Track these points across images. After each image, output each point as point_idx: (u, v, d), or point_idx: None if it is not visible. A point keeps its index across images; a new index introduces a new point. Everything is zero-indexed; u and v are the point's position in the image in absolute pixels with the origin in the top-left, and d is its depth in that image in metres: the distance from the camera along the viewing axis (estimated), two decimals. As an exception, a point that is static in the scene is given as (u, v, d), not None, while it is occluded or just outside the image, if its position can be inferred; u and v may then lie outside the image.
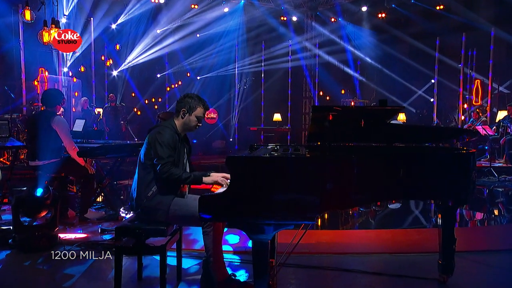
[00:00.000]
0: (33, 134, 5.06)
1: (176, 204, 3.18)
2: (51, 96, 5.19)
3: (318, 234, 5.00)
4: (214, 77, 15.91)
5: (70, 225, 5.14)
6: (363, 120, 2.88)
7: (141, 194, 3.17)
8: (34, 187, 4.22)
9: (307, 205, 2.57)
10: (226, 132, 15.86)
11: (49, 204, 4.33)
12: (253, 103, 16.23)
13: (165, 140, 3.18)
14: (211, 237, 3.19)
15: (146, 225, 3.14)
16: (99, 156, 5.25)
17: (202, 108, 3.36)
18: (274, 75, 15.95)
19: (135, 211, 3.24)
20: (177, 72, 16.12)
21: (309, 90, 16.50)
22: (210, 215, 2.62)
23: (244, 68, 15.93)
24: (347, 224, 5.99)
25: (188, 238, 4.60)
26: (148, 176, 3.20)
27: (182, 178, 3.16)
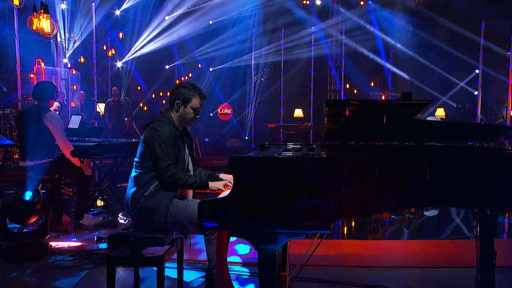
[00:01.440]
0: (23, 131, 5.13)
1: (175, 207, 3.18)
2: (44, 89, 5.24)
3: (338, 244, 4.95)
4: (228, 68, 15.93)
5: (63, 232, 5.19)
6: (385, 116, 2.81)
7: (137, 194, 3.19)
8: (23, 190, 4.26)
9: (319, 212, 2.53)
10: (241, 130, 15.87)
11: (39, 209, 4.38)
12: (271, 97, 16.18)
13: (164, 138, 3.18)
14: (215, 245, 3.18)
15: (142, 233, 3.13)
16: (94, 156, 5.29)
17: (198, 98, 3.36)
18: (294, 66, 15.87)
19: (131, 212, 3.26)
20: (187, 63, 16.19)
21: (334, 82, 16.35)
22: (210, 222, 2.59)
23: (261, 59, 15.89)
24: (376, 233, 5.90)
25: (192, 247, 4.59)
26: (145, 175, 3.21)
27: (188, 183, 3.18)
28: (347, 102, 2.70)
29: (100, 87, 13.78)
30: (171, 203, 3.17)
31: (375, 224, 6.28)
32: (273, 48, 15.84)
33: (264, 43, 15.94)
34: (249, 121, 15.77)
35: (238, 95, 16.10)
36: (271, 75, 16.23)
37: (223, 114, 15.29)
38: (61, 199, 5.56)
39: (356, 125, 2.87)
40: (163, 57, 15.96)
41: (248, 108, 16.01)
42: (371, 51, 16.03)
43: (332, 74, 16.34)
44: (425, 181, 2.78)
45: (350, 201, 2.62)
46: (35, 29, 9.04)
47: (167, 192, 3.19)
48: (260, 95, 15.99)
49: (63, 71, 12.51)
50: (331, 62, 16.11)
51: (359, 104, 2.74)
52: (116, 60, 15.27)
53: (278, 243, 2.56)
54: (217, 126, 15.43)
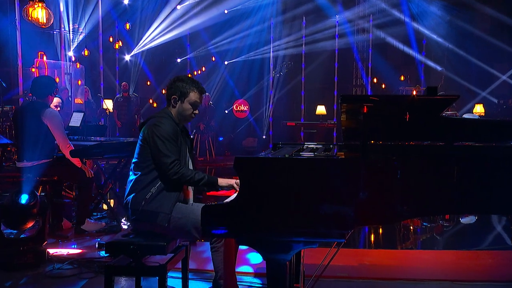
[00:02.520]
0: (21, 129, 5.18)
1: (179, 211, 3.18)
2: (42, 84, 5.29)
3: (361, 254, 4.91)
4: (244, 61, 15.93)
5: (63, 238, 5.24)
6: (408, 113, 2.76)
7: (138, 197, 3.20)
8: (18, 193, 4.30)
9: (333, 219, 2.51)
10: (258, 128, 15.85)
11: (36, 213, 4.41)
12: (291, 93, 16.14)
13: (164, 133, 3.19)
14: (221, 254, 3.19)
15: (142, 240, 3.13)
16: (96, 156, 5.33)
17: (196, 92, 3.36)
18: (317, 58, 15.79)
19: (130, 218, 3.27)
20: (200, 56, 16.24)
21: (360, 76, 16.22)
22: (213, 229, 2.58)
23: (280, 51, 15.85)
24: (405, 242, 5.82)
25: (201, 256, 4.59)
26: (146, 177, 3.22)
27: (195, 179, 3.17)
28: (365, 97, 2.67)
29: (107, 82, 13.91)
30: (174, 207, 3.18)
31: (404, 232, 6.20)
32: (293, 39, 15.78)
33: (283, 34, 15.89)
34: (267, 118, 15.75)
35: (255, 90, 16.09)
36: (291, 69, 16.17)
37: (239, 111, 15.29)
38: (61, 203, 5.60)
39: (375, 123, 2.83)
40: (174, 49, 16.04)
41: (265, 104, 15.99)
42: (401, 42, 15.84)
43: (358, 68, 16.20)
44: (454, 185, 2.73)
45: (367, 207, 2.59)
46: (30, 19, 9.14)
47: (170, 194, 3.19)
48: (279, 90, 15.96)
49: (67, 65, 12.63)
50: (357, 54, 15.98)
51: (379, 100, 2.69)
52: (124, 53, 15.39)
53: (288, 252, 2.54)
54: (232, 124, 15.44)
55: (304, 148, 3.51)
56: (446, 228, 6.40)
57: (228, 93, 15.81)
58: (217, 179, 3.25)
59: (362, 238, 5.85)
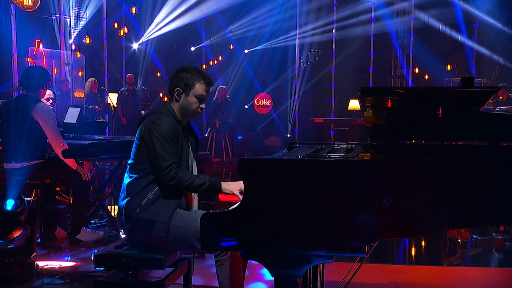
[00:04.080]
0: (8, 126, 5.24)
1: (178, 219, 3.17)
2: (33, 76, 5.34)
3: (393, 270, 4.86)
4: (267, 50, 15.89)
5: (55, 249, 5.29)
6: (441, 108, 2.71)
7: (133, 203, 3.20)
8: (3, 198, 4.35)
9: (350, 230, 2.48)
10: (283, 125, 15.82)
11: (23, 220, 4.45)
12: (319, 86, 16.06)
13: (163, 133, 3.18)
14: (227, 268, 3.17)
15: (137, 252, 3.14)
16: (90, 157, 5.36)
17: (202, 84, 3.35)
18: (349, 46, 15.66)
19: (124, 226, 3.27)
20: (217, 44, 16.26)
21: (399, 66, 16.06)
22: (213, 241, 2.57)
23: (308, 37, 15.77)
24: (451, 258, 5.73)
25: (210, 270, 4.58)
26: (141, 180, 3.22)
27: (195, 185, 3.17)
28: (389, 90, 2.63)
29: (111, 73, 14.03)
30: (173, 214, 3.16)
31: (451, 245, 6.11)
32: (322, 24, 15.69)
33: (311, 18, 15.80)
34: (292, 115, 15.71)
35: (279, 83, 16.04)
36: (320, 58, 16.09)
37: (260, 106, 15.27)
38: (54, 209, 5.65)
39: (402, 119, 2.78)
40: (187, 36, 16.09)
41: (290, 99, 15.93)
42: (448, 25, 15.60)
43: (397, 56, 16.04)
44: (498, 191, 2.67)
45: (392, 217, 2.55)
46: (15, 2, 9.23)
47: (168, 200, 3.18)
48: (305, 82, 15.90)
49: (66, 54, 12.78)
50: (395, 41, 15.81)
51: (405, 93, 2.64)
52: (132, 41, 15.51)
53: (298, 267, 2.53)
54: (252, 121, 15.42)
55: (323, 148, 3.48)
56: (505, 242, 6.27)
57: (248, 86, 15.78)
58: (220, 184, 3.21)
59: (397, 252, 5.77)
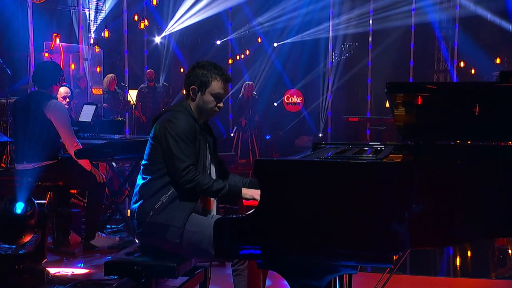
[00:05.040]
0: (20, 125, 5.33)
1: (194, 224, 3.17)
2: (46, 71, 5.43)
3: (433, 283, 4.84)
4: (297, 43, 15.86)
5: (69, 255, 5.36)
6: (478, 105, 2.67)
7: (145, 207, 3.22)
8: (13, 201, 4.41)
9: (374, 237, 2.48)
10: (314, 124, 15.77)
11: (33, 224, 4.51)
12: (354, 81, 15.96)
13: (180, 132, 3.19)
14: (245, 278, 3.18)
15: (149, 259, 3.16)
16: (103, 157, 5.41)
17: (219, 81, 3.34)
18: (387, 37, 15.53)
19: (136, 231, 3.30)
20: (244, 37, 16.29)
21: (443, 59, 15.89)
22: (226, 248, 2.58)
23: (342, 29, 15.68)
24: (501, 269, 5.64)
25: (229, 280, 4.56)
26: (155, 182, 3.24)
27: (213, 189, 3.17)
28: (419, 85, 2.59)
29: (132, 69, 14.14)
30: (188, 219, 3.17)
31: (500, 256, 6.02)
32: (358, 14, 15.57)
33: (345, 8, 15.70)
34: (324, 113, 15.64)
35: (311, 78, 16.02)
36: (355, 51, 15.98)
37: (291, 103, 15.26)
38: (68, 213, 5.73)
39: (434, 117, 2.74)
40: (212, 29, 16.16)
41: (322, 95, 15.90)
42: (497, 14, 15.33)
43: (440, 49, 15.88)
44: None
45: (422, 224, 2.53)
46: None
47: (183, 204, 3.19)
48: (339, 78, 15.82)
49: (85, 48, 12.92)
50: (438, 32, 15.63)
51: (437, 89, 2.60)
52: (154, 34, 15.63)
53: (319, 278, 2.53)
54: (281, 120, 15.41)
55: (349, 149, 3.45)
56: None
57: (276, 82, 15.78)
58: (240, 189, 3.22)
59: (439, 262, 5.70)
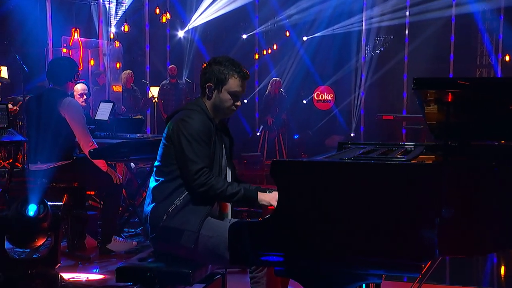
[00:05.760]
0: (34, 124, 5.39)
1: (209, 228, 3.18)
2: (61, 67, 5.48)
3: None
4: (328, 37, 15.78)
5: (84, 260, 5.40)
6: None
7: (158, 210, 3.24)
8: (25, 203, 4.45)
9: (399, 244, 2.47)
10: (346, 123, 15.68)
11: (46, 227, 4.55)
12: (389, 77, 15.81)
13: (193, 132, 3.20)
14: (263, 287, 3.15)
15: (163, 265, 3.17)
16: (119, 157, 5.44)
17: (237, 79, 3.34)
18: (425, 30, 15.36)
19: (149, 235, 3.32)
20: (271, 31, 16.26)
21: (486, 53, 15.68)
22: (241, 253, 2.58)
23: (376, 22, 15.56)
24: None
25: None
26: (169, 184, 3.26)
27: (227, 194, 3.18)
28: (449, 81, 2.55)
29: (154, 65, 14.22)
30: (204, 223, 3.18)
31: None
32: (393, 6, 15.43)
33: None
34: (357, 111, 15.56)
35: (342, 74, 15.91)
36: (390, 45, 15.82)
37: (321, 101, 15.20)
38: (83, 216, 5.77)
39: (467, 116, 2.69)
40: (238, 23, 16.17)
41: (355, 92, 15.80)
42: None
43: (483, 42, 15.63)
44: None
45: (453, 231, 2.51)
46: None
47: (198, 207, 3.20)
48: (372, 74, 15.70)
49: (105, 43, 13.04)
50: (481, 24, 15.39)
51: (470, 84, 2.55)
52: (177, 28, 15.70)
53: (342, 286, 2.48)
54: (312, 118, 15.35)
55: (376, 149, 3.42)
56: None
57: (306, 78, 15.71)
58: (256, 193, 3.21)
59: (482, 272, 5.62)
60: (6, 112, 6.19)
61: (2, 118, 6.14)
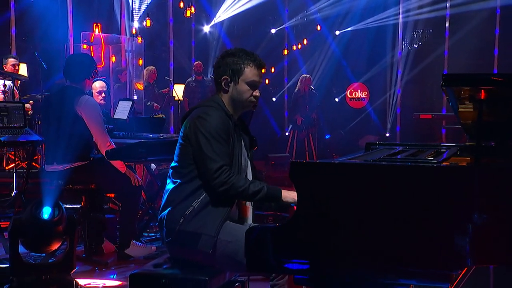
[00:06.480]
0: (50, 123, 5.46)
1: (228, 233, 3.17)
2: (77, 65, 5.53)
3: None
4: (361, 31, 15.71)
5: (101, 265, 5.44)
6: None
7: (175, 213, 3.25)
8: (39, 205, 4.50)
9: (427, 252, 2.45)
10: (381, 122, 15.59)
11: (61, 231, 4.59)
12: (427, 74, 15.67)
13: (211, 130, 3.20)
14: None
15: (178, 272, 3.18)
16: (136, 158, 5.45)
17: (253, 67, 3.35)
18: (467, 23, 15.18)
19: (165, 240, 3.34)
20: (301, 25, 16.24)
21: (537, 47, 15.42)
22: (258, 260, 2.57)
23: (412, 15, 15.43)
24: None
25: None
26: (186, 187, 3.27)
27: (250, 192, 3.17)
28: (482, 77, 2.50)
29: (178, 61, 14.28)
30: (222, 227, 3.18)
31: None
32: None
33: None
34: (393, 109, 15.46)
35: (377, 71, 15.83)
36: (429, 40, 15.68)
37: (354, 99, 15.14)
38: (101, 219, 5.81)
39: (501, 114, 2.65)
40: (266, 16, 16.17)
41: (390, 90, 15.74)
42: None
43: (534, 34, 15.41)
44: None
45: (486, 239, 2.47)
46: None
47: (217, 210, 3.20)
48: (409, 70, 15.59)
49: (127, 39, 13.14)
50: (529, 16, 15.18)
51: (504, 81, 2.51)
52: (203, 23, 15.75)
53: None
54: (344, 117, 15.28)
55: (405, 150, 3.39)
56: None
57: (338, 75, 15.66)
58: (280, 191, 3.20)
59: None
60: (23, 111, 6.27)
61: (18, 117, 6.21)
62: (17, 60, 9.36)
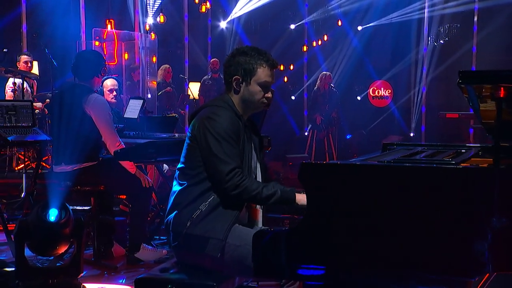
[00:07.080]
0: (57, 122, 5.48)
1: (236, 236, 3.17)
2: (86, 62, 5.56)
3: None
4: (384, 26, 15.64)
5: (110, 269, 5.45)
6: None
7: (182, 216, 3.25)
8: (46, 207, 4.52)
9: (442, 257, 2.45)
10: (405, 122, 15.52)
11: (68, 234, 4.61)
12: (454, 71, 15.42)
13: (221, 131, 3.20)
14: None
15: (185, 277, 3.19)
16: (146, 159, 5.43)
17: (266, 68, 3.33)
18: (497, 17, 15.06)
19: (172, 244, 3.34)
20: (321, 20, 16.21)
21: None
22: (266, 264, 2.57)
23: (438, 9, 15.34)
24: None
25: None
26: (193, 189, 3.27)
27: (263, 196, 3.17)
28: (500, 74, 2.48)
29: (193, 59, 14.31)
30: (230, 231, 3.18)
31: None
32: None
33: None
34: (418, 108, 15.38)
35: (401, 68, 15.79)
36: (456, 35, 15.58)
37: (377, 97, 15.10)
38: (110, 222, 5.83)
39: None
40: (285, 12, 16.17)
41: (415, 88, 15.68)
42: None
43: None
44: None
45: (503, 244, 2.46)
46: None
47: (225, 213, 3.20)
48: (435, 67, 15.51)
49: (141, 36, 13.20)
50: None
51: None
52: (219, 19, 15.77)
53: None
54: (366, 116, 15.24)
55: (424, 150, 3.37)
56: None
57: (360, 72, 15.61)
58: (294, 194, 3.19)
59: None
60: (31, 110, 6.31)
61: (27, 116, 6.24)
62: (31, 57, 9.40)
